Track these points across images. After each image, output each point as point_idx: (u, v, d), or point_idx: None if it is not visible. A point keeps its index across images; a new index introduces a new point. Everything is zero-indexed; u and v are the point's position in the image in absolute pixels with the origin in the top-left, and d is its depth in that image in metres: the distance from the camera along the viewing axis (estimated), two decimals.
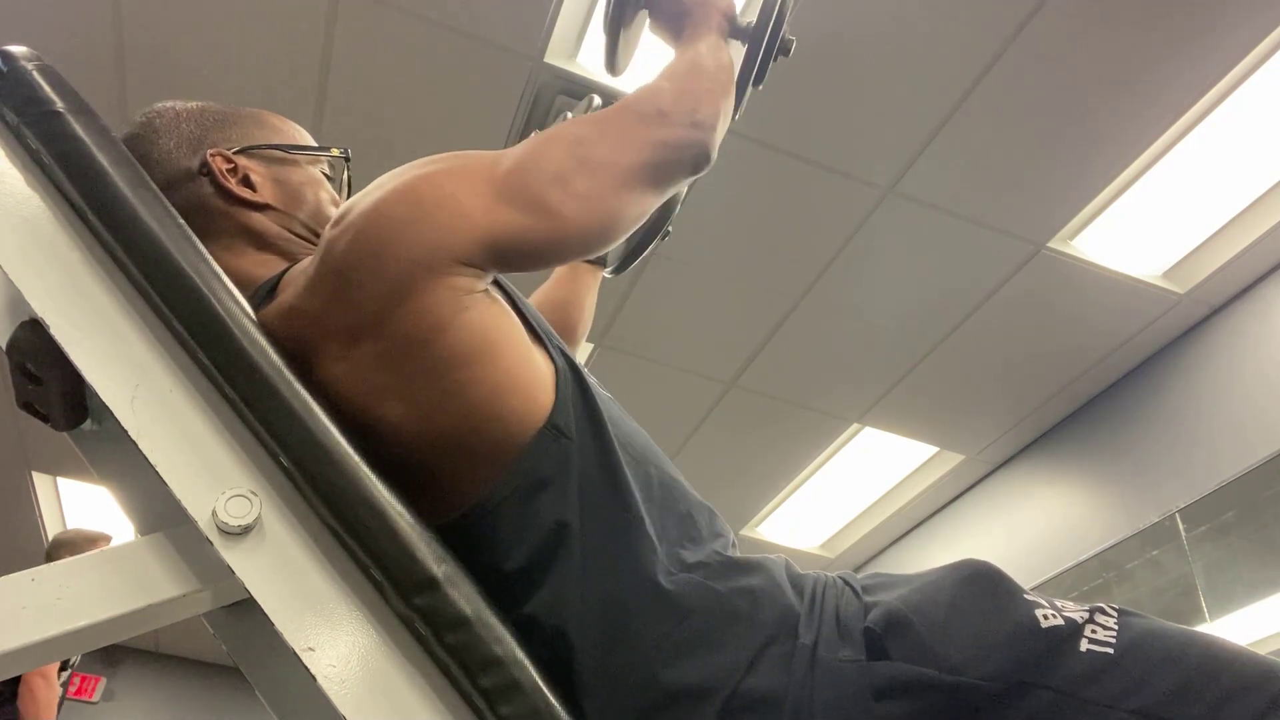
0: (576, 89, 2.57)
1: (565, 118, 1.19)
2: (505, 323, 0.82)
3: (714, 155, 0.94)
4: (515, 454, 0.79)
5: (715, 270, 3.12)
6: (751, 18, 1.10)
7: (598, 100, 1.28)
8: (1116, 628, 0.75)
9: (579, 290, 1.36)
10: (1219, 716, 0.69)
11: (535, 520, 0.79)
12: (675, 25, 1.08)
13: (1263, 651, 0.76)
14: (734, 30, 1.10)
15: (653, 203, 0.91)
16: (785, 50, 1.15)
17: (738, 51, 1.09)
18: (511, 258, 0.81)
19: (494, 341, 0.80)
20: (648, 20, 1.15)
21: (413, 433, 0.79)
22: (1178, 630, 0.77)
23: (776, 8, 1.09)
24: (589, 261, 1.36)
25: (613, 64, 1.15)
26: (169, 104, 1.01)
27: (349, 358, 0.79)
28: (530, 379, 0.82)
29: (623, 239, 0.93)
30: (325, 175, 1.04)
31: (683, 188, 0.99)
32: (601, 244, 0.88)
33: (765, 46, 1.09)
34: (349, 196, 1.07)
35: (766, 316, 3.27)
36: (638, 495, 0.82)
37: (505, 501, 0.79)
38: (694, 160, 0.92)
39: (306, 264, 0.85)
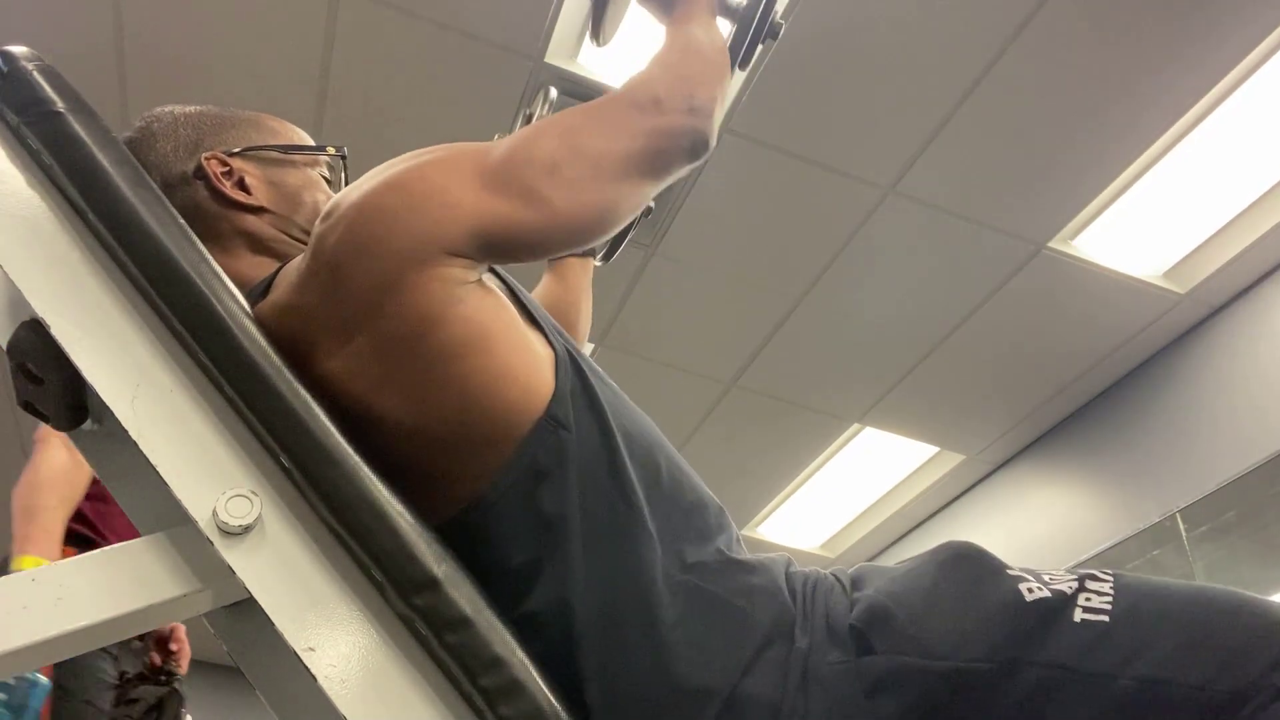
0: (577, 89, 2.57)
1: (527, 118, 1.17)
2: (502, 314, 0.82)
3: (713, 141, 0.92)
4: (513, 446, 0.79)
5: (715, 270, 3.12)
6: None
7: (554, 92, 1.26)
8: (1112, 593, 0.74)
9: (573, 286, 1.34)
10: (1225, 675, 0.67)
11: (534, 514, 0.79)
12: (665, 2, 1.06)
13: (1267, 601, 0.73)
14: (723, 9, 1.08)
15: (648, 192, 0.90)
16: (774, 33, 1.12)
17: (727, 32, 1.08)
18: (502, 248, 0.81)
19: (490, 333, 0.80)
20: None
21: (410, 427, 0.79)
22: (1180, 587, 0.74)
23: None
24: (578, 255, 1.35)
25: (598, 33, 1.13)
26: (167, 109, 1.01)
27: (343, 353, 0.79)
28: (528, 369, 0.81)
29: (617, 229, 0.92)
30: (324, 176, 1.04)
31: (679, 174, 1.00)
32: (594, 234, 0.87)
33: (754, 28, 1.08)
34: None
35: (766, 316, 3.27)
36: (640, 487, 0.81)
37: (504, 497, 0.79)
38: (691, 147, 0.90)
39: (299, 261, 0.85)
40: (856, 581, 0.82)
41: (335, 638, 0.70)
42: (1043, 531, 3.68)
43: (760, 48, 1.11)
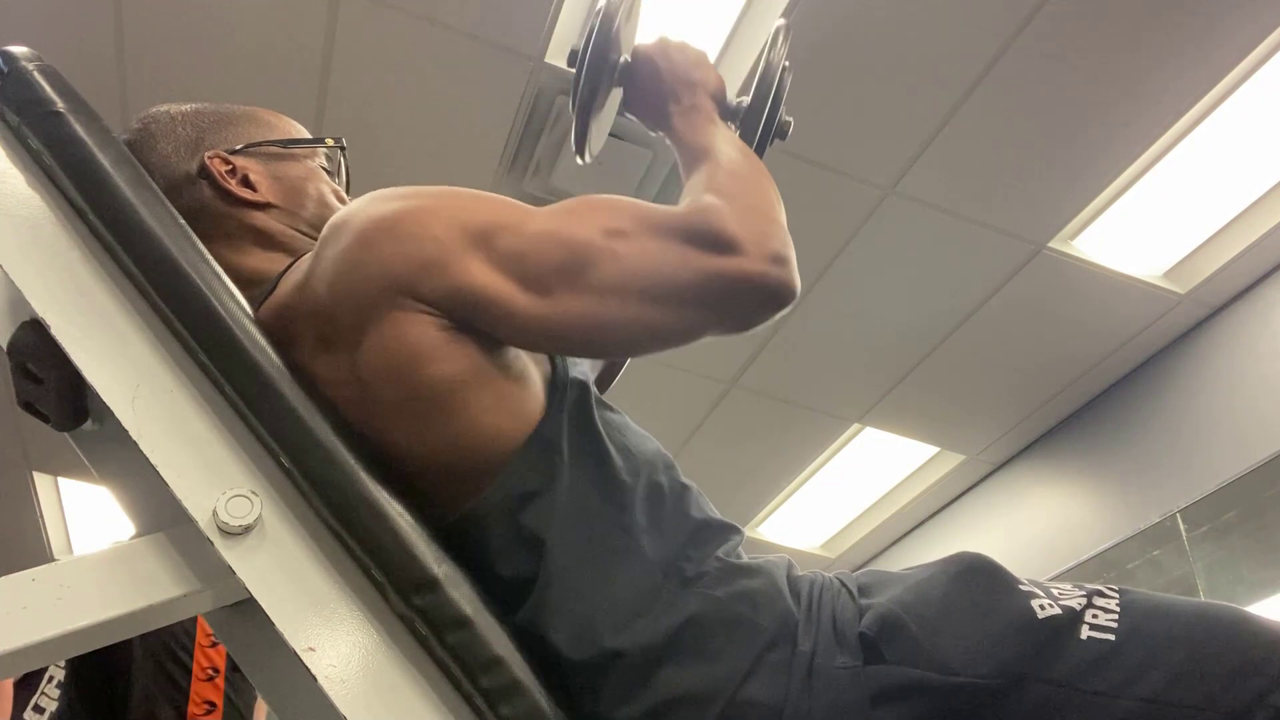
0: None
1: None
2: (493, 347, 0.80)
3: (798, 292, 0.81)
4: (502, 465, 0.79)
5: None
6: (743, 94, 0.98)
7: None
8: (1118, 610, 0.74)
9: None
10: (1226, 696, 0.68)
11: (521, 532, 0.79)
12: (658, 110, 0.97)
13: (1268, 618, 0.74)
14: (723, 110, 0.98)
15: (694, 332, 0.79)
16: (782, 133, 1.01)
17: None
18: (484, 323, 0.77)
19: (479, 368, 0.78)
20: (621, 99, 1.02)
21: (400, 446, 0.79)
22: (1184, 605, 0.75)
23: (774, 86, 0.97)
24: None
25: (583, 149, 1.01)
26: (163, 108, 1.00)
27: (334, 364, 0.79)
28: (520, 396, 0.80)
29: (640, 354, 0.84)
30: (323, 168, 1.04)
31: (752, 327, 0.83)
32: (600, 351, 0.82)
33: (761, 131, 0.97)
34: (348, 185, 1.06)
35: None
36: (639, 507, 0.81)
37: (491, 514, 0.79)
38: (775, 299, 0.80)
39: (305, 261, 0.85)
40: (865, 588, 0.82)
41: (335, 638, 0.70)
42: (1043, 531, 3.68)
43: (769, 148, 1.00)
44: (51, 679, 2.33)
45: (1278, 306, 2.99)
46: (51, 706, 2.47)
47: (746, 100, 0.99)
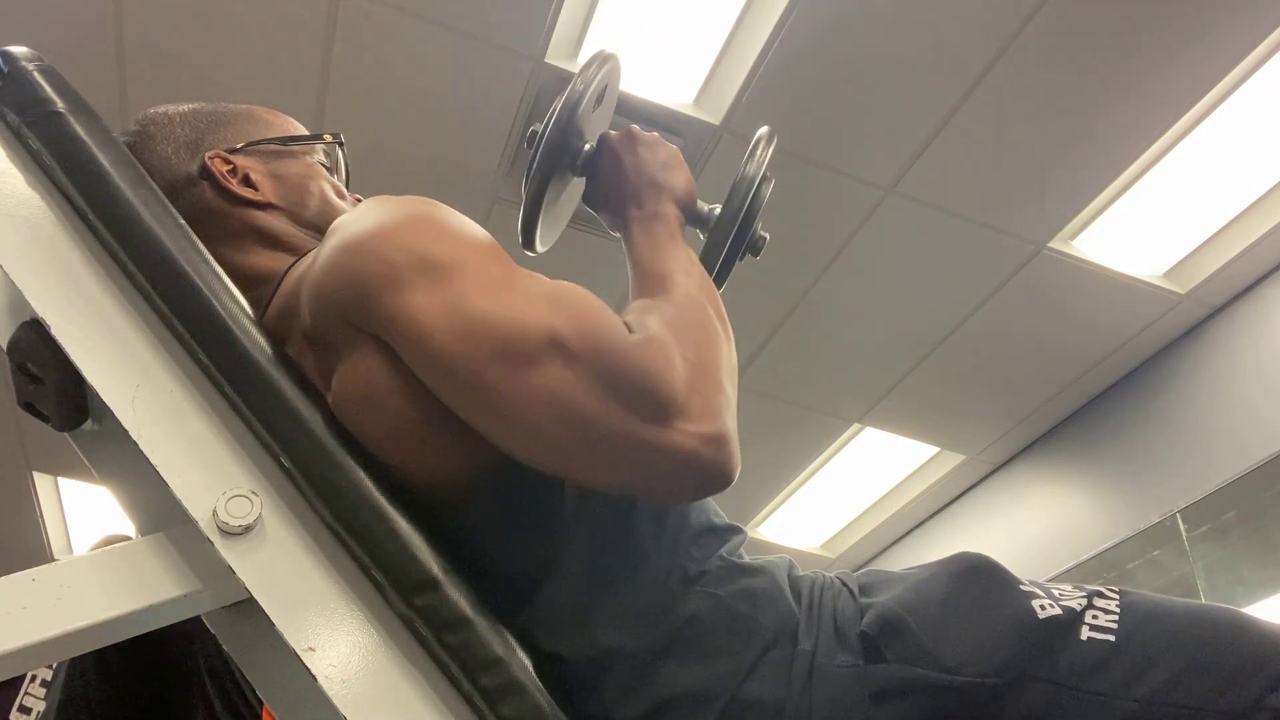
0: None
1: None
2: None
3: (733, 478, 0.71)
4: (501, 469, 0.78)
5: None
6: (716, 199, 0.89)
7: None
8: (1118, 611, 0.74)
9: None
10: (1224, 697, 0.68)
11: (521, 533, 0.79)
12: (617, 212, 0.90)
13: (1267, 621, 0.74)
14: (691, 217, 0.90)
15: (586, 479, 0.72)
16: (755, 249, 0.92)
17: (693, 240, 0.90)
18: (404, 357, 0.73)
19: None
20: (581, 192, 0.94)
21: (394, 454, 0.78)
22: (1183, 606, 0.75)
23: (749, 199, 0.89)
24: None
25: (531, 242, 0.93)
26: (161, 109, 1.00)
27: (325, 372, 0.79)
28: None
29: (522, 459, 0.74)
30: (322, 164, 1.04)
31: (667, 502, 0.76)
32: (492, 434, 0.72)
33: (731, 244, 0.89)
34: (348, 181, 1.06)
35: (766, 316, 3.27)
36: (640, 505, 0.81)
37: (490, 515, 0.79)
38: (699, 485, 0.71)
39: (305, 264, 0.85)
40: (865, 588, 0.82)
41: (335, 638, 0.70)
42: (1043, 531, 3.68)
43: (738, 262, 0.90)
44: (35, 678, 2.31)
45: (1278, 306, 2.99)
46: (38, 706, 2.45)
47: (718, 210, 0.91)
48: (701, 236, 0.92)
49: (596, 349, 0.70)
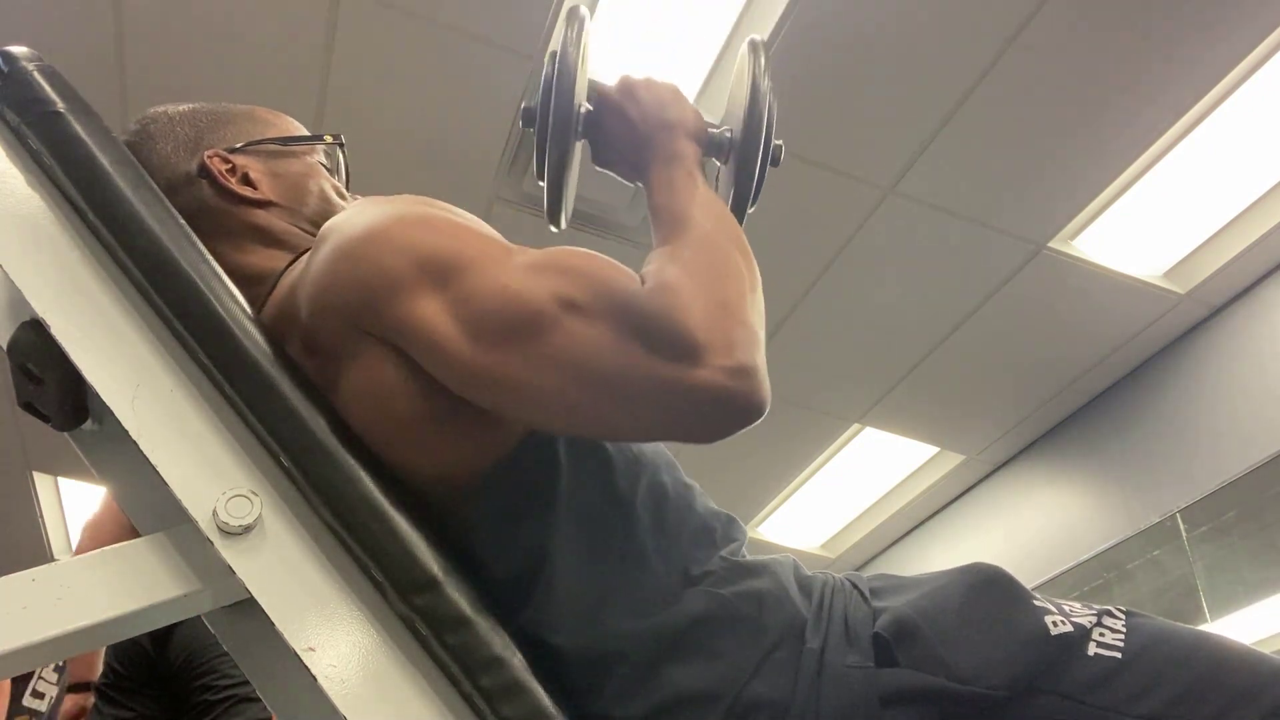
0: None
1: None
2: None
3: (767, 407, 0.70)
4: (500, 470, 0.79)
5: None
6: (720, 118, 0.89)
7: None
8: (1125, 630, 0.75)
9: None
10: (1227, 718, 0.69)
11: (521, 534, 0.79)
12: (633, 162, 0.89)
13: (1265, 652, 0.76)
14: (708, 147, 0.90)
15: (624, 434, 0.75)
16: (776, 160, 0.93)
17: (711, 168, 0.91)
18: (418, 360, 0.74)
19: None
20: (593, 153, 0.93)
21: (394, 454, 0.78)
22: (1187, 632, 0.76)
23: (766, 116, 0.89)
24: None
25: (557, 216, 0.94)
26: (161, 109, 1.00)
27: (323, 373, 0.79)
28: None
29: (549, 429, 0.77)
30: (322, 164, 1.04)
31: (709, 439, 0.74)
32: (511, 413, 0.75)
33: (760, 164, 0.89)
34: (348, 182, 1.06)
35: (766, 317, 3.26)
36: (642, 508, 0.81)
37: (490, 516, 0.79)
38: (734, 415, 0.69)
39: (302, 264, 0.85)
40: (877, 591, 0.82)
41: (335, 638, 0.70)
42: (1043, 532, 3.68)
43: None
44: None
45: (1278, 306, 2.99)
46: (51, 691, 2.46)
47: (731, 132, 0.91)
48: (718, 163, 0.92)
49: (608, 300, 0.71)
